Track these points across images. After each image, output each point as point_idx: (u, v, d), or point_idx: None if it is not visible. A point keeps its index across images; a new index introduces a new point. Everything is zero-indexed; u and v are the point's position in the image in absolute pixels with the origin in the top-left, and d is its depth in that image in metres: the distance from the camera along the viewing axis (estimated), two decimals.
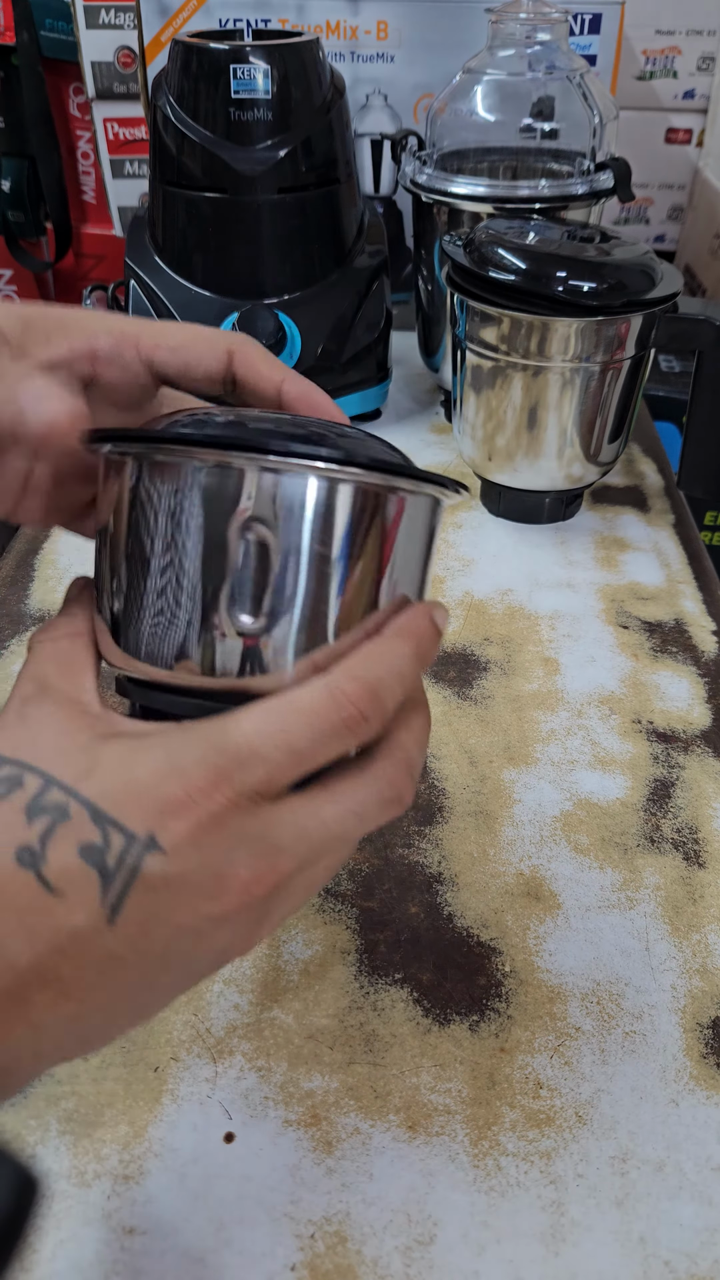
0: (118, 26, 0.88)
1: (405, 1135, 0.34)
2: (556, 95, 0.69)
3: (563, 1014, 0.38)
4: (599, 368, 0.59)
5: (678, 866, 0.43)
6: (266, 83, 0.64)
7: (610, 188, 0.69)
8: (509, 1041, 0.37)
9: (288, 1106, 0.34)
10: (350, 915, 0.41)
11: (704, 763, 0.49)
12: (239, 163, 0.65)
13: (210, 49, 0.64)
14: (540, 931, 0.40)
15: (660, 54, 0.97)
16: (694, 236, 1.03)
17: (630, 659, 0.55)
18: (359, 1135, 0.34)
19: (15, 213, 0.99)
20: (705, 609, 0.60)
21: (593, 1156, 0.33)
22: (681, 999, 0.38)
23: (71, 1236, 0.31)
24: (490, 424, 0.63)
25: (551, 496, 0.66)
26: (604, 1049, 0.36)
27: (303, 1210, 0.32)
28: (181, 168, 0.67)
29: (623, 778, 0.48)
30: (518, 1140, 0.34)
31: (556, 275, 0.56)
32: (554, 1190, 0.33)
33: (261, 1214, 0.32)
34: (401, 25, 0.80)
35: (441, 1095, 0.35)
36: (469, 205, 0.69)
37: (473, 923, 0.41)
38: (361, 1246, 0.31)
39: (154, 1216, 0.32)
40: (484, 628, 0.58)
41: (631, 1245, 0.31)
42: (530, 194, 0.67)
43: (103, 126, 0.94)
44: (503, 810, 0.46)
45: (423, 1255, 0.31)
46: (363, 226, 0.74)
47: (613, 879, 0.43)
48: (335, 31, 0.81)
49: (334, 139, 0.68)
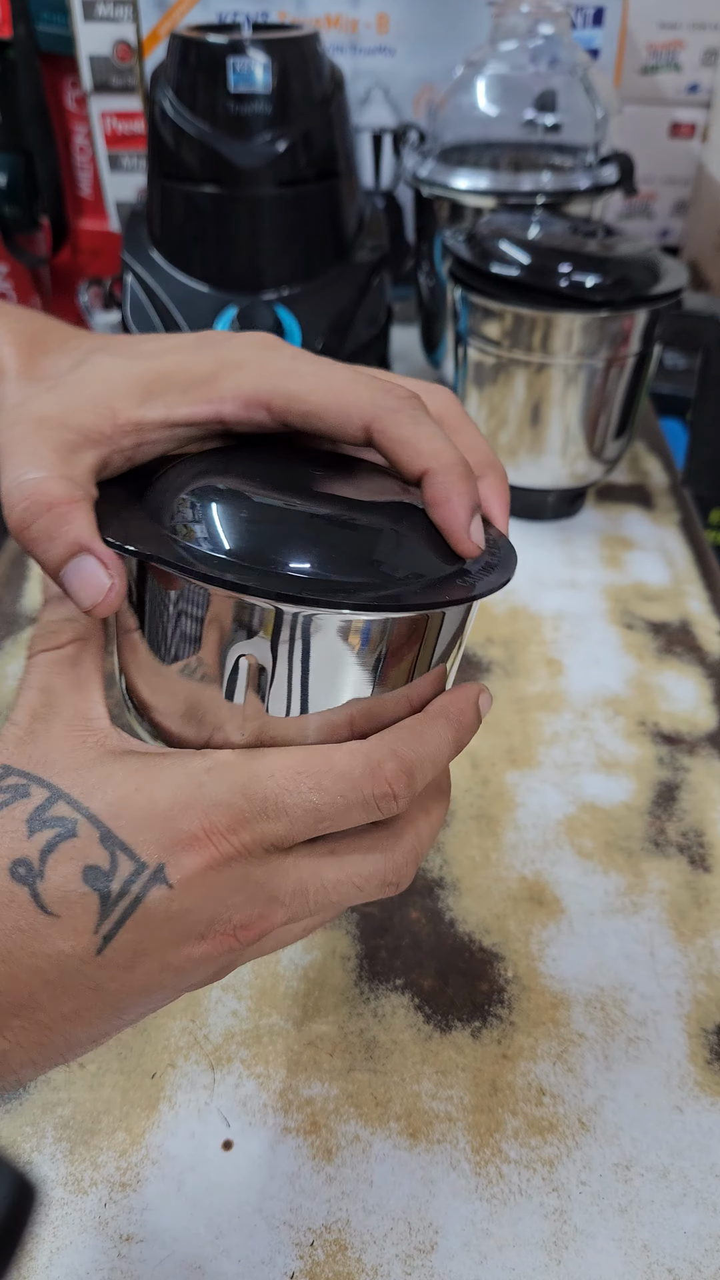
0: (115, 20, 0.87)
1: (406, 1142, 0.33)
2: (559, 89, 0.68)
3: (566, 1020, 0.37)
4: (603, 364, 0.59)
5: (683, 871, 0.43)
6: (265, 76, 0.63)
7: (614, 182, 0.69)
8: (511, 1048, 0.36)
9: (287, 1114, 0.34)
10: (350, 920, 0.40)
11: (710, 765, 0.48)
12: (238, 156, 0.64)
13: (208, 42, 0.63)
14: (543, 937, 0.40)
15: (664, 48, 0.96)
16: (699, 232, 1.02)
17: (635, 660, 0.55)
18: (359, 1143, 0.33)
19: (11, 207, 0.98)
20: (711, 609, 0.59)
21: (596, 1164, 0.33)
22: (686, 1005, 0.38)
23: (68, 1244, 0.31)
24: (493, 420, 0.63)
25: (555, 494, 0.65)
26: (607, 1055, 0.36)
27: (302, 1218, 0.32)
28: (180, 162, 0.66)
29: (627, 780, 0.47)
30: (520, 1147, 0.33)
31: (560, 270, 0.55)
32: (557, 1198, 0.32)
33: (260, 1222, 0.31)
34: (402, 18, 0.80)
35: (443, 1102, 0.34)
36: (471, 199, 0.68)
37: (475, 928, 0.40)
38: (362, 1254, 0.31)
39: (151, 1224, 0.31)
40: (486, 628, 0.57)
41: (635, 1253, 0.31)
42: (533, 188, 0.66)
43: (100, 120, 0.93)
44: (505, 814, 0.45)
45: (424, 1263, 0.31)
46: (363, 221, 0.73)
47: (617, 883, 0.42)
48: (335, 24, 0.80)
49: (333, 132, 0.67)
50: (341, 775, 0.23)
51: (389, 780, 0.23)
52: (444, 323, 0.75)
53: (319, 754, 0.23)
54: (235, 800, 0.22)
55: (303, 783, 0.23)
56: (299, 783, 0.23)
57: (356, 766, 0.23)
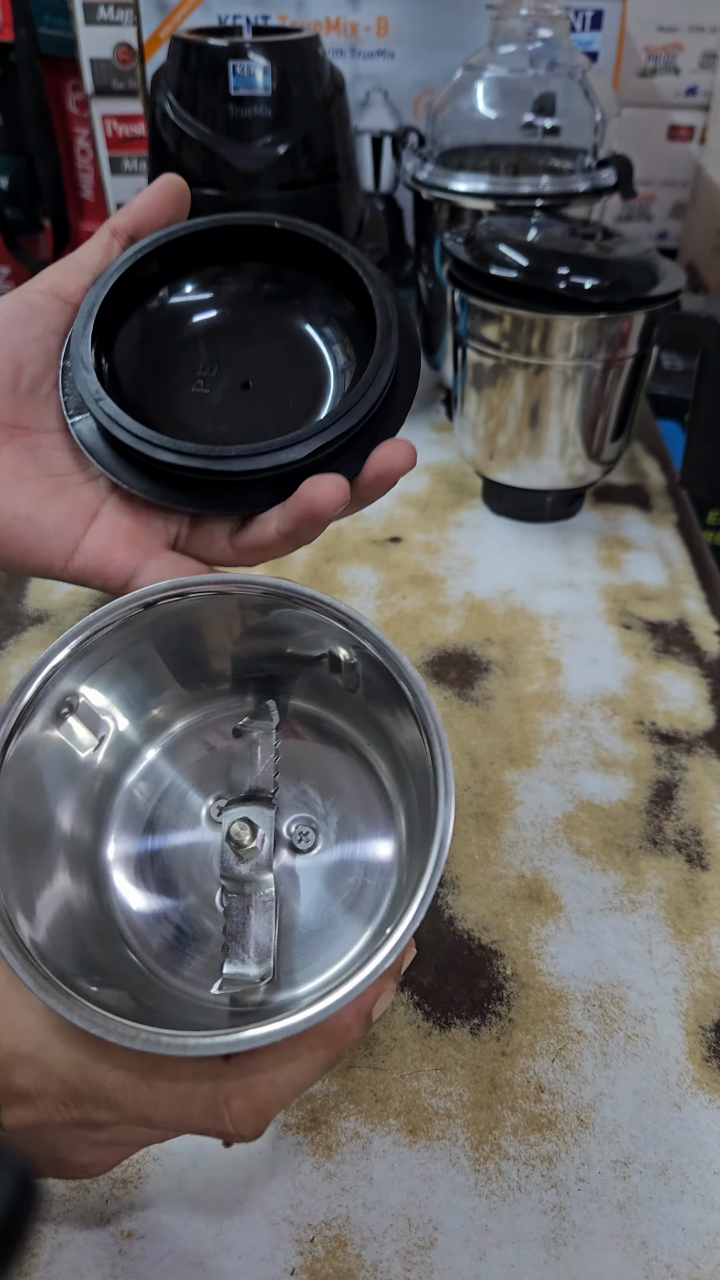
0: (116, 23, 0.88)
1: (406, 1139, 0.34)
2: (558, 92, 0.69)
3: (564, 1017, 0.37)
4: (601, 366, 0.59)
5: (680, 869, 0.43)
6: (266, 79, 0.63)
7: (612, 185, 0.69)
8: (510, 1045, 0.36)
9: (287, 1110, 0.34)
10: None
11: (707, 764, 0.49)
12: (238, 159, 0.65)
13: (209, 45, 0.63)
14: (542, 934, 0.40)
15: (662, 50, 0.96)
16: (696, 234, 1.02)
17: (633, 659, 0.55)
18: (359, 1139, 0.34)
19: (13, 210, 0.98)
20: (708, 609, 0.59)
21: (594, 1160, 0.33)
22: (684, 1002, 0.38)
23: (70, 1240, 0.31)
24: (492, 422, 0.63)
25: (553, 495, 0.65)
26: (606, 1052, 0.36)
27: (302, 1214, 0.32)
28: (180, 164, 0.66)
29: (625, 779, 0.48)
30: (519, 1144, 0.34)
31: (558, 272, 0.55)
32: (555, 1194, 0.32)
33: (261, 1218, 0.32)
34: (401, 21, 0.80)
35: (442, 1099, 0.35)
36: (470, 202, 0.68)
37: (474, 926, 0.41)
38: (361, 1250, 0.31)
39: (152, 1220, 0.31)
40: (485, 628, 0.57)
41: (633, 1249, 0.31)
42: (532, 191, 0.67)
43: (101, 123, 0.93)
44: (504, 812, 0.46)
45: (423, 1259, 0.31)
46: (363, 223, 0.74)
47: (615, 881, 0.43)
48: (335, 28, 0.80)
49: (333, 135, 0.67)
50: (180, 1099, 0.22)
51: (233, 1121, 0.22)
52: (443, 325, 0.75)
53: (165, 1067, 0.22)
54: (71, 1079, 0.22)
55: (141, 1094, 0.22)
56: (137, 1093, 0.22)
57: (199, 1097, 0.22)
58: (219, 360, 0.33)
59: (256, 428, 0.32)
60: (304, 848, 0.29)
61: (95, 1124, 0.23)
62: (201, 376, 0.33)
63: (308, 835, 0.29)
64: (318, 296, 0.34)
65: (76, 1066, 0.22)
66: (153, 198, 0.33)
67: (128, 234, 0.33)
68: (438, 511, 0.68)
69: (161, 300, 0.34)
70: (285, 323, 0.34)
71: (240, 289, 0.34)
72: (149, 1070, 0.22)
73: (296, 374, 0.33)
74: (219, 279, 0.34)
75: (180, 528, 0.32)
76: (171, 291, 0.34)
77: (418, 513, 0.68)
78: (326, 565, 0.62)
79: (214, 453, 0.29)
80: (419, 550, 0.64)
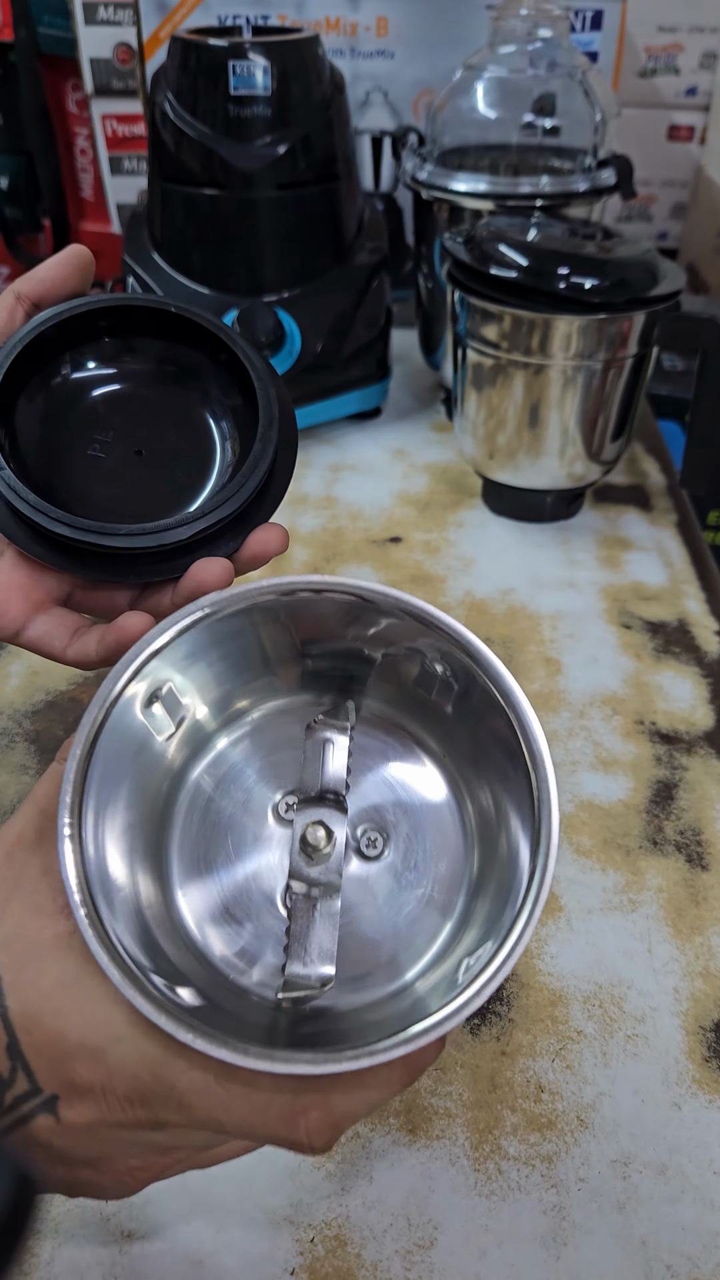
0: (116, 23, 0.88)
1: (405, 1139, 0.34)
2: (558, 92, 0.69)
3: (564, 1017, 0.37)
4: (601, 366, 0.59)
5: (680, 868, 0.43)
6: (265, 79, 0.63)
7: (612, 185, 0.69)
8: (510, 1045, 0.36)
9: None
10: None
11: (707, 764, 0.49)
12: (238, 159, 0.65)
13: (209, 45, 0.63)
14: (542, 934, 0.40)
15: (662, 51, 0.96)
16: (697, 234, 1.02)
17: (633, 659, 0.55)
18: (359, 1139, 0.34)
19: (13, 209, 0.98)
20: (708, 609, 0.59)
21: (594, 1160, 0.33)
22: (684, 1002, 0.38)
23: (70, 1240, 0.31)
24: (491, 422, 0.63)
25: (553, 495, 0.65)
26: (606, 1052, 0.36)
27: (302, 1214, 0.32)
28: (180, 164, 0.66)
29: (625, 779, 0.48)
30: (519, 1144, 0.34)
31: (558, 272, 0.55)
32: (555, 1194, 0.32)
33: (261, 1218, 0.32)
34: (401, 21, 0.80)
35: (442, 1099, 0.35)
36: (470, 202, 0.68)
37: None
38: (361, 1250, 0.31)
39: (153, 1220, 0.31)
40: (485, 628, 0.57)
41: (633, 1249, 0.31)
42: (532, 191, 0.67)
43: (101, 123, 0.93)
44: None
45: (423, 1259, 0.31)
46: (363, 223, 0.74)
47: (615, 881, 0.43)
48: (335, 28, 0.80)
49: (333, 135, 0.67)
50: (256, 1106, 0.22)
51: (308, 1132, 0.22)
52: (443, 325, 0.75)
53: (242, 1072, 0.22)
54: (143, 1076, 0.22)
55: (215, 1097, 0.22)
56: (210, 1096, 0.22)
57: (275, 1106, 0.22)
58: (114, 428, 0.36)
59: (147, 494, 0.35)
60: (371, 854, 0.29)
61: (159, 1124, 0.22)
62: (98, 440, 0.36)
63: (375, 841, 0.29)
64: (211, 380, 0.37)
65: (150, 1064, 0.22)
66: (59, 269, 0.34)
67: (31, 301, 0.34)
68: (438, 511, 0.68)
69: (64, 373, 0.36)
70: (178, 399, 0.37)
71: (141, 367, 0.37)
72: (225, 1074, 0.22)
73: (186, 447, 0.36)
74: (120, 355, 0.36)
75: (74, 587, 0.35)
76: (74, 365, 0.36)
77: (418, 512, 0.68)
78: (327, 565, 0.62)
79: (105, 529, 0.32)
80: (419, 550, 0.64)
